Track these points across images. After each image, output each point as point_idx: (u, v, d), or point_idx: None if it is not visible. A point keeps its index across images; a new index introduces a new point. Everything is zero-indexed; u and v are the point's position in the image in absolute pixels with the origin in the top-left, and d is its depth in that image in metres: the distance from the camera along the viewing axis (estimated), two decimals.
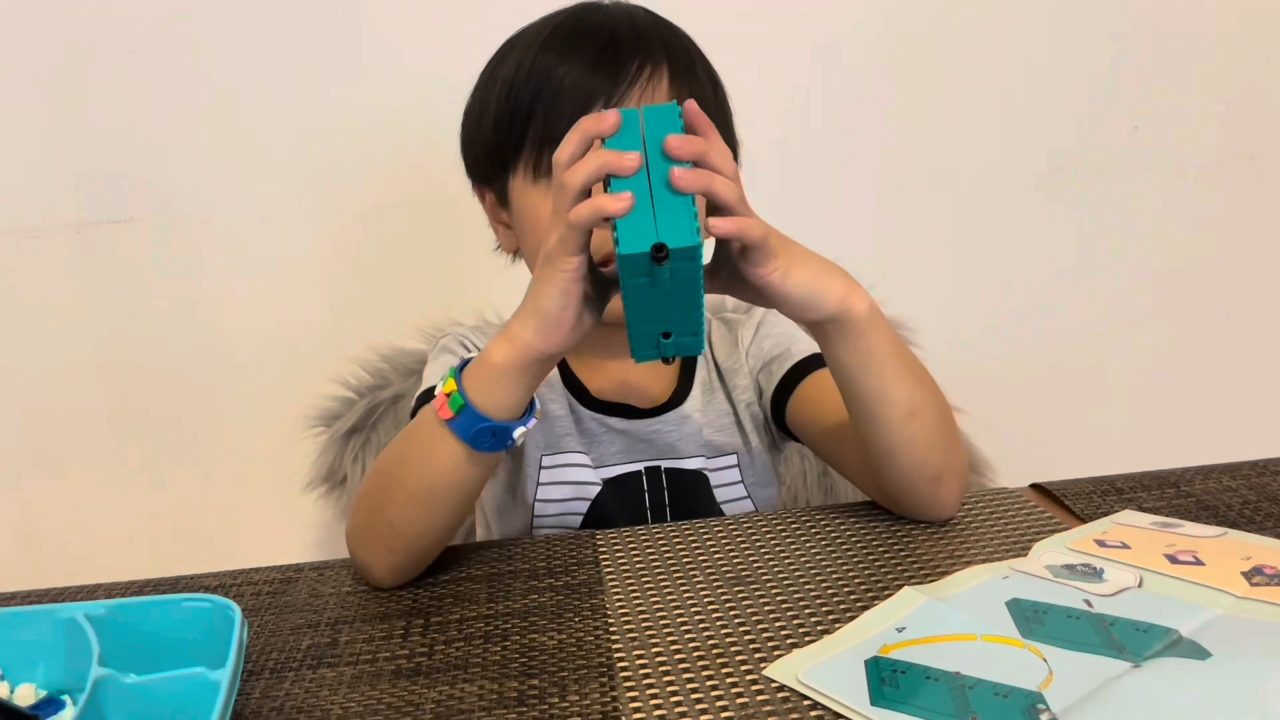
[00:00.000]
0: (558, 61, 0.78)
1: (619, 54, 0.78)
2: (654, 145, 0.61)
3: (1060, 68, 1.46)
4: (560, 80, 0.77)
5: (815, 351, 0.89)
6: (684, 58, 0.81)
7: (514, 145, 0.80)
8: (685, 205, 0.59)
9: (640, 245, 0.57)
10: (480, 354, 0.68)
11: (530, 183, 0.80)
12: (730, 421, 0.91)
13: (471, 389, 0.67)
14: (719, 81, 0.85)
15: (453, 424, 0.67)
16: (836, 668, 0.56)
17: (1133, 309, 1.55)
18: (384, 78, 1.34)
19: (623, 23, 0.81)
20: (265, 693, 0.60)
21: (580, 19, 0.81)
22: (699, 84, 0.82)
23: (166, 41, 1.31)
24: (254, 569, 0.77)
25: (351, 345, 1.16)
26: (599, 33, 0.79)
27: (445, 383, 0.68)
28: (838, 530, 0.75)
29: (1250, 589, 0.60)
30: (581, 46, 0.78)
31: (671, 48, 0.81)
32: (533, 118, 0.78)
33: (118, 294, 1.38)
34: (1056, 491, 0.79)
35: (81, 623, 0.58)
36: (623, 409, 0.89)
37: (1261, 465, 0.82)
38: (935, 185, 1.47)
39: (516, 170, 0.81)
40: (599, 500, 0.87)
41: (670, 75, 0.79)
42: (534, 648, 0.62)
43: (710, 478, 0.89)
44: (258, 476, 1.41)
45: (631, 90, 0.77)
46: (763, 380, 0.91)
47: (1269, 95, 1.52)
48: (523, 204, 0.82)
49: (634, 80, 0.77)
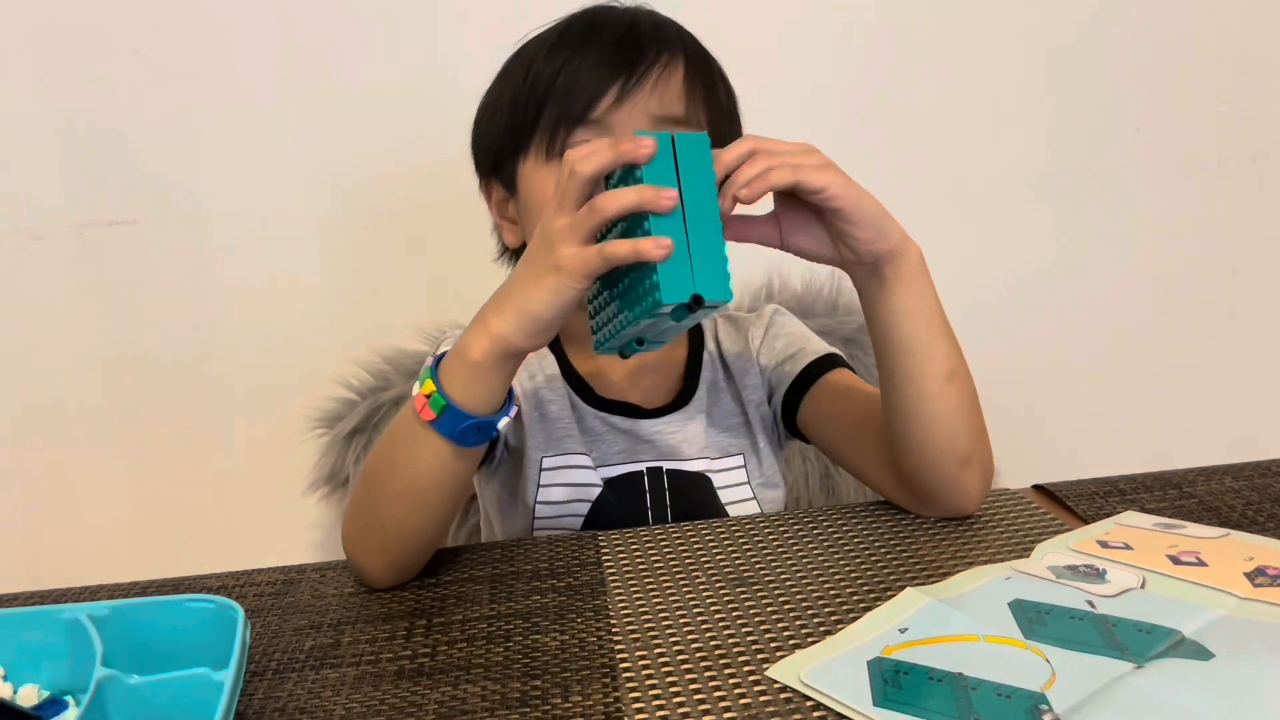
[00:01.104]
0: (574, 53, 0.80)
1: (637, 41, 0.79)
2: (686, 176, 0.60)
3: (1062, 70, 1.46)
4: (578, 67, 0.79)
5: (829, 351, 0.90)
6: (700, 57, 0.83)
7: (529, 125, 0.81)
8: (720, 254, 0.61)
9: (679, 295, 0.59)
10: (455, 349, 0.67)
11: (543, 163, 0.81)
12: (738, 422, 0.91)
13: (452, 388, 0.66)
14: (733, 92, 0.87)
15: (436, 424, 0.66)
16: (839, 668, 0.56)
17: (1135, 310, 1.55)
18: (388, 79, 1.34)
19: (643, 18, 0.83)
20: (268, 693, 0.60)
21: (596, 16, 0.83)
22: (712, 83, 0.83)
23: (169, 43, 1.31)
24: (257, 570, 0.78)
25: (354, 346, 1.16)
26: (616, 26, 0.81)
27: (423, 383, 0.67)
28: (840, 531, 0.75)
29: (1253, 590, 0.60)
30: (599, 36, 0.81)
31: (689, 46, 0.83)
32: (550, 99, 0.79)
33: (120, 295, 1.38)
34: (1059, 493, 0.79)
35: (85, 623, 0.58)
36: (626, 408, 0.89)
37: (1264, 466, 0.81)
38: (936, 187, 1.47)
39: (529, 152, 0.82)
40: (600, 501, 0.87)
41: (686, 69, 0.81)
42: (536, 648, 0.62)
43: (715, 479, 0.89)
44: (260, 478, 1.41)
45: (648, 75, 0.78)
46: (775, 379, 0.91)
47: (1271, 97, 1.52)
48: (532, 184, 0.82)
49: (650, 68, 0.78)
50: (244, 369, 1.41)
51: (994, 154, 1.47)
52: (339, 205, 1.38)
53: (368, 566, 0.72)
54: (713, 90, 0.83)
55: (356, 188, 1.37)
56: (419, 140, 1.32)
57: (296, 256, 1.38)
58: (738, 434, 0.90)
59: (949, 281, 1.50)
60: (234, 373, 1.41)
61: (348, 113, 1.35)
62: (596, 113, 0.78)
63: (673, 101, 0.80)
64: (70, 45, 1.30)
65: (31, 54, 1.30)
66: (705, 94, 0.82)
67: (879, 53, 1.42)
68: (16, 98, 1.31)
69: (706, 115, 0.82)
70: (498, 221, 0.90)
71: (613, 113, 0.78)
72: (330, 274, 1.40)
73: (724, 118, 0.84)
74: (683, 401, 0.90)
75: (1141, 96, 1.48)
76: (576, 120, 0.79)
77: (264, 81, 1.33)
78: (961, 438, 0.73)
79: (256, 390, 1.41)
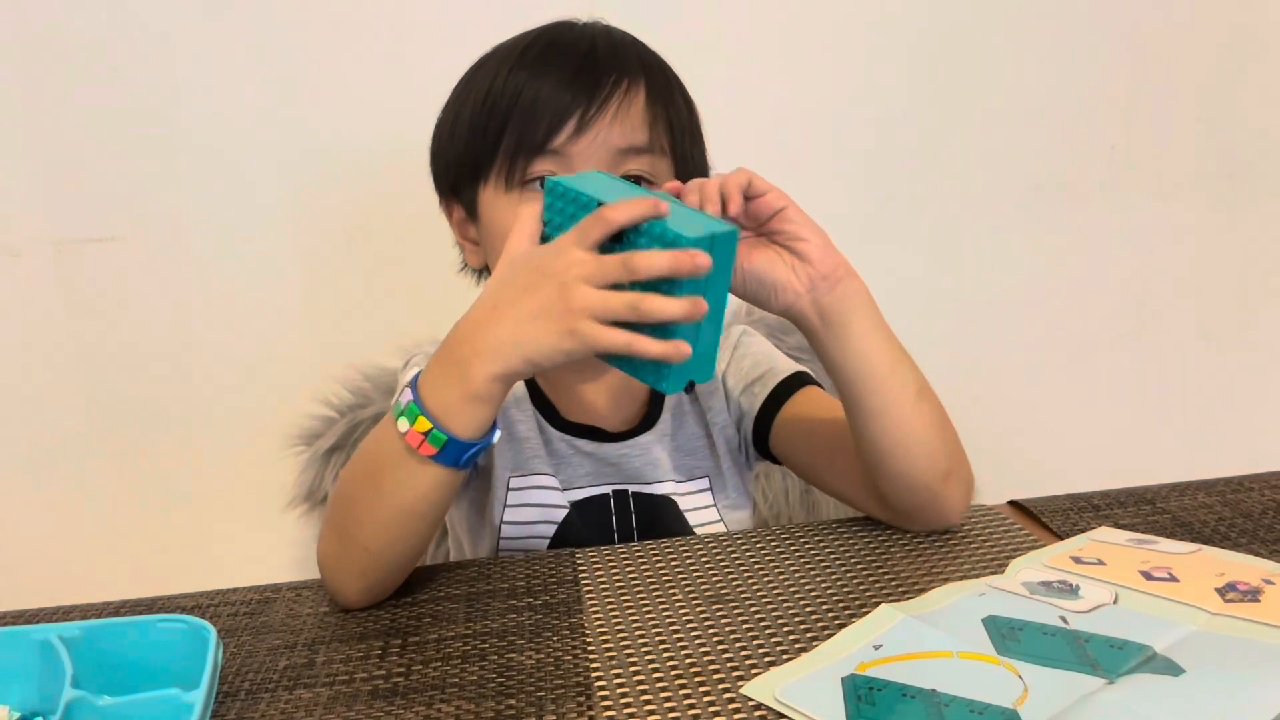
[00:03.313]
0: (533, 75, 0.78)
1: (596, 67, 0.78)
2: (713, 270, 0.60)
3: (1039, 88, 1.47)
4: (536, 91, 0.77)
5: (798, 369, 0.89)
6: (661, 77, 0.82)
7: (487, 154, 0.79)
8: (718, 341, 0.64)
9: (677, 386, 0.62)
10: (447, 379, 0.64)
11: (502, 193, 0.79)
12: (703, 444, 0.90)
13: (453, 423, 0.63)
14: (694, 106, 0.86)
15: (438, 458, 0.64)
16: (813, 686, 0.56)
17: (1110, 327, 1.56)
18: (365, 95, 1.34)
19: (600, 38, 0.81)
20: (241, 714, 0.59)
21: (556, 35, 0.81)
22: (675, 105, 0.82)
23: (146, 59, 1.31)
24: (231, 589, 0.77)
25: (333, 363, 1.16)
26: (575, 47, 0.79)
27: (412, 419, 0.64)
28: (816, 547, 0.75)
29: (1224, 605, 0.61)
30: (558, 60, 0.78)
31: (650, 66, 0.81)
32: (507, 127, 0.77)
33: (98, 312, 1.38)
34: (1033, 508, 0.80)
35: (55, 644, 0.57)
36: (591, 431, 0.88)
37: (1236, 482, 0.82)
38: (915, 204, 1.48)
39: (488, 180, 0.80)
40: (566, 523, 0.86)
41: (647, 93, 0.79)
42: (512, 667, 0.62)
43: (680, 501, 0.88)
44: (238, 495, 1.41)
45: (608, 104, 0.77)
46: (744, 401, 0.89)
47: (1246, 114, 1.53)
48: (492, 214, 0.81)
49: (610, 94, 0.77)
50: (222, 386, 1.40)
51: (971, 172, 1.48)
52: (318, 222, 1.37)
53: (345, 589, 0.71)
54: (675, 111, 0.82)
55: (335, 204, 1.37)
56: (397, 156, 1.31)
57: (275, 273, 1.38)
58: (702, 456, 0.90)
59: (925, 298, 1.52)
60: (212, 389, 1.40)
61: (325, 128, 1.34)
62: (556, 143, 0.76)
63: (635, 130, 0.78)
64: (49, 62, 1.30)
65: (7, 69, 1.29)
66: (668, 116, 0.81)
67: (858, 73, 1.43)
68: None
69: (669, 139, 0.81)
70: (460, 241, 0.88)
71: (572, 143, 0.76)
72: (309, 291, 1.39)
73: (685, 137, 0.83)
74: (648, 425, 0.89)
75: (1117, 115, 1.50)
76: (536, 150, 0.77)
77: (242, 98, 1.33)
78: (939, 454, 0.73)
79: (235, 407, 1.40)
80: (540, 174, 0.77)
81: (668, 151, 0.81)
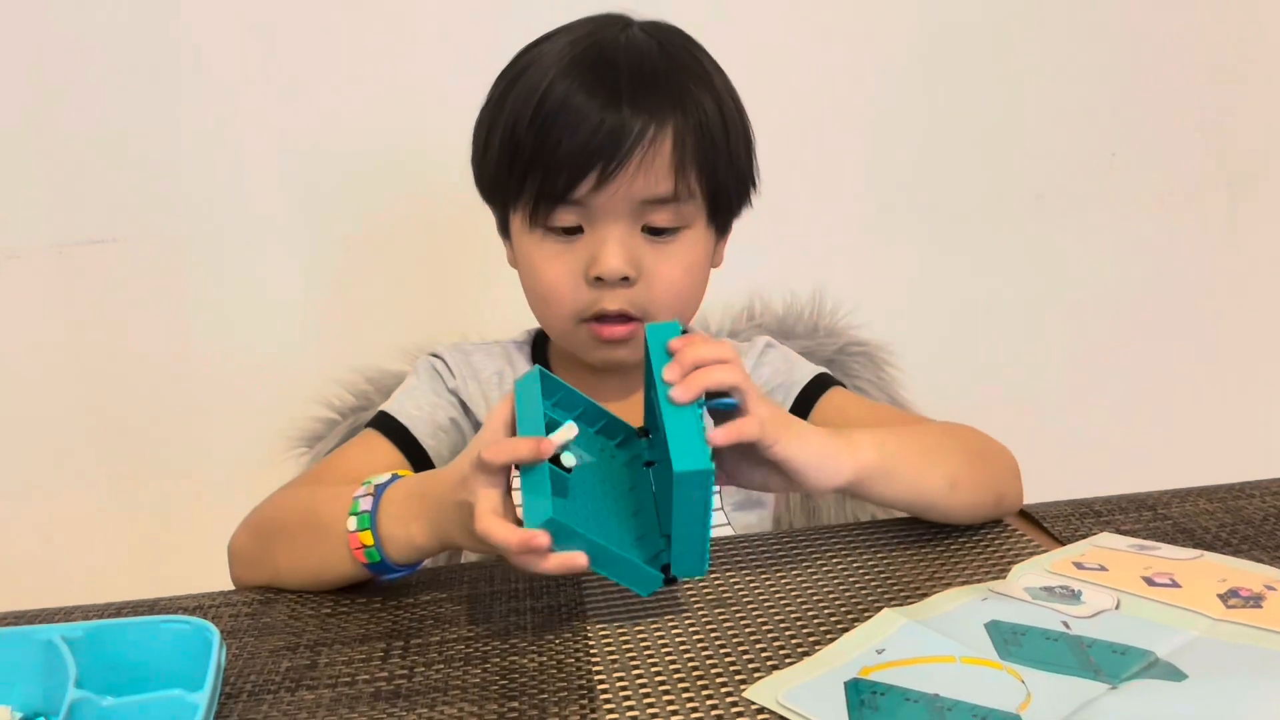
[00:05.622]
0: (561, 110, 0.76)
1: (622, 112, 0.76)
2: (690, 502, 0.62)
3: (1039, 96, 1.48)
4: (560, 137, 0.76)
5: (819, 372, 0.90)
6: (698, 115, 0.79)
7: (513, 192, 0.81)
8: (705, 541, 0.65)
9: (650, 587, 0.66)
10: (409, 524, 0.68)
11: (526, 229, 0.81)
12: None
13: (392, 552, 0.69)
14: (734, 121, 0.83)
15: (368, 566, 0.70)
16: (816, 689, 0.56)
17: (1111, 334, 1.57)
18: (369, 99, 1.34)
19: (635, 68, 0.78)
20: (243, 715, 0.59)
21: (595, 58, 0.79)
22: (707, 140, 0.80)
23: (148, 62, 1.31)
24: (234, 590, 0.77)
25: (334, 366, 1.16)
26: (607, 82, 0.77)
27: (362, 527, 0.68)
28: (819, 552, 0.75)
29: (1226, 611, 0.61)
30: (588, 99, 0.76)
31: (688, 103, 0.79)
32: (530, 173, 0.78)
33: (99, 315, 1.38)
34: (1035, 514, 0.80)
35: (58, 644, 0.57)
36: None
37: (1237, 489, 0.82)
38: (916, 211, 1.49)
39: (516, 211, 0.82)
40: None
41: (674, 139, 0.78)
42: (514, 670, 0.62)
43: None
44: (240, 497, 1.40)
45: (630, 157, 0.76)
46: None
47: (1245, 123, 1.54)
48: (519, 244, 0.83)
49: (633, 149, 0.76)
50: (224, 388, 1.40)
51: (973, 180, 1.49)
52: (318, 224, 1.38)
53: (245, 583, 0.78)
54: (708, 147, 0.80)
55: (337, 207, 1.37)
56: (400, 160, 1.32)
57: (276, 276, 1.38)
58: None
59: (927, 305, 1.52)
60: (214, 391, 1.40)
61: (327, 132, 1.35)
62: (578, 194, 0.77)
63: (659, 180, 0.78)
64: (51, 64, 1.30)
65: (9, 71, 1.30)
66: (699, 156, 0.79)
67: (859, 82, 1.43)
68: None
69: (702, 183, 0.80)
70: (502, 239, 0.89)
71: (594, 196, 0.77)
72: (310, 293, 1.40)
73: (729, 178, 0.82)
74: None
75: (1117, 123, 1.50)
76: (558, 199, 0.78)
77: (244, 101, 1.33)
78: (989, 504, 0.77)
79: (237, 409, 1.40)
80: (563, 224, 0.79)
81: (697, 192, 0.80)
